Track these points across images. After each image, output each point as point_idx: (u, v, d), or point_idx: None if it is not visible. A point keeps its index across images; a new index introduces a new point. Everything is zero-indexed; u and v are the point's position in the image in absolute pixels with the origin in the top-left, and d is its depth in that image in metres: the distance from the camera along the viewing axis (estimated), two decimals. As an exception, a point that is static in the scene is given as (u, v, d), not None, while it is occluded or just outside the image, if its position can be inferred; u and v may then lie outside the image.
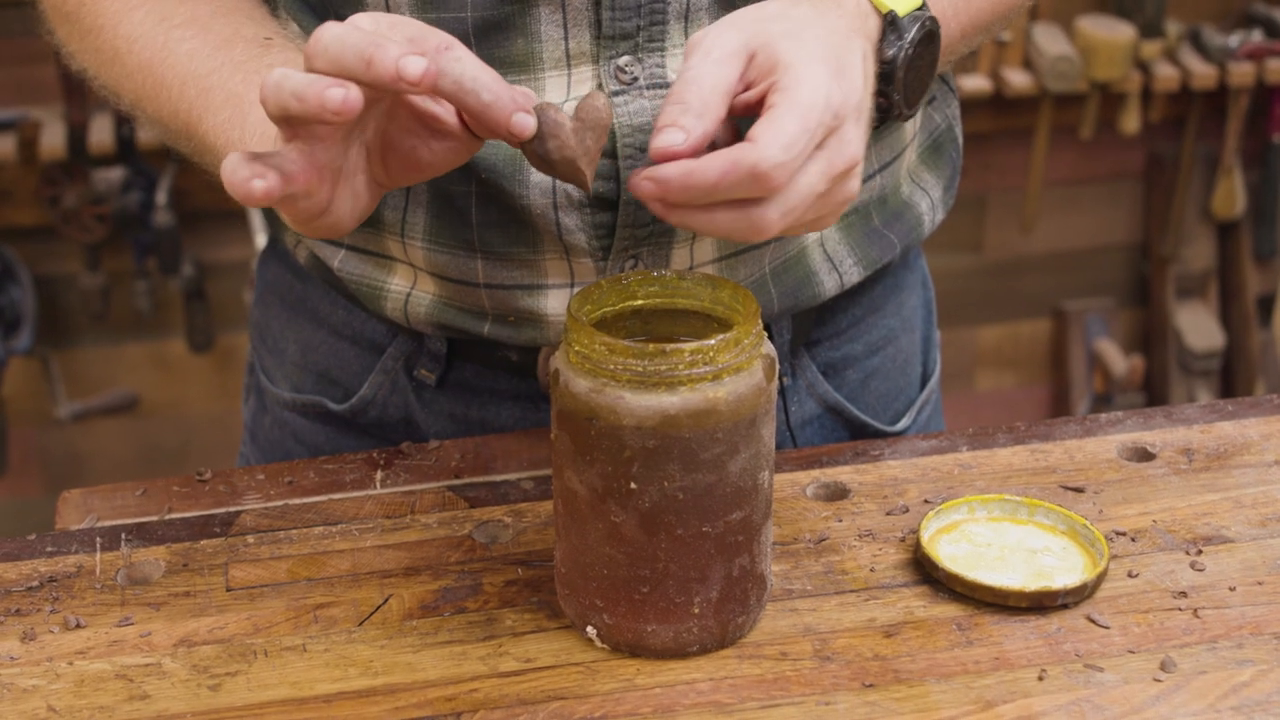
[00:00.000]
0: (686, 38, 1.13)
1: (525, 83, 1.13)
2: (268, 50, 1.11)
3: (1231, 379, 3.61)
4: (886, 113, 1.09)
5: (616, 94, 1.13)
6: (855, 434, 1.35)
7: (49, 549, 1.14)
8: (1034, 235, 3.50)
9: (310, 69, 0.91)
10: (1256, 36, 3.33)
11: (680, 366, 0.95)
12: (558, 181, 1.13)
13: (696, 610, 1.01)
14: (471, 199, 1.16)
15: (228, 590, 1.09)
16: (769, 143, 0.95)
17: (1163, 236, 3.53)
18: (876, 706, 0.98)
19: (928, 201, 1.32)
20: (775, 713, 0.97)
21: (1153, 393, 3.61)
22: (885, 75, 1.08)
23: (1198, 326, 3.55)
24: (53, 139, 3.03)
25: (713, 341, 0.96)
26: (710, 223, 0.98)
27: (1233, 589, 1.08)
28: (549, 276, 1.19)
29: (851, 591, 1.08)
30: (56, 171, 3.01)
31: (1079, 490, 1.18)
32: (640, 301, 1.04)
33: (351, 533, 1.15)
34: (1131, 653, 1.02)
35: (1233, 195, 3.48)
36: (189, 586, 1.10)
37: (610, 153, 1.13)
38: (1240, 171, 3.48)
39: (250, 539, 1.14)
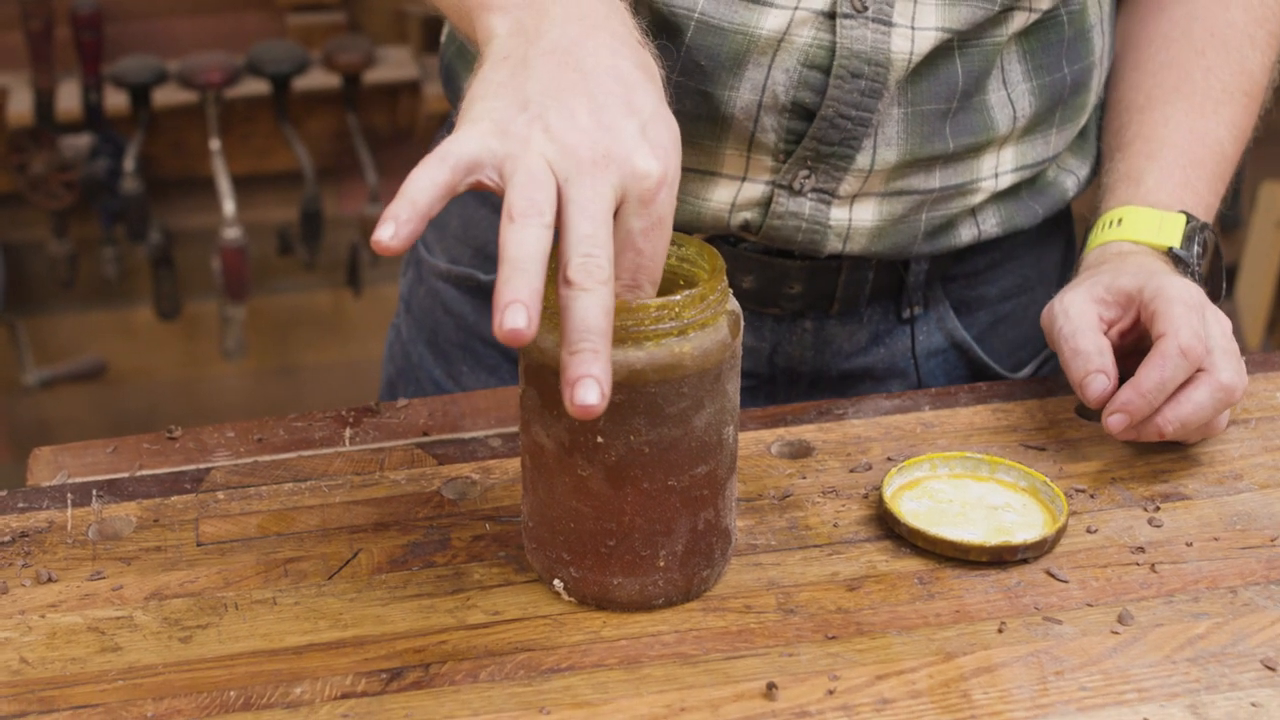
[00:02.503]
0: None
1: None
2: None
3: (1194, 349, 3.63)
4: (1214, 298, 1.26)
5: (846, 16, 1.19)
6: (976, 374, 1.39)
7: (20, 505, 1.14)
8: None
9: None
10: (1221, 8, 3.35)
11: (646, 322, 0.97)
12: (769, 81, 1.20)
13: (662, 564, 1.02)
14: (671, 85, 1.19)
15: (198, 545, 1.10)
16: (1177, 325, 1.15)
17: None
18: (839, 658, 0.99)
19: (1074, 180, 1.38)
20: (739, 664, 0.99)
21: (1116, 362, 3.63)
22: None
23: (1161, 296, 3.57)
24: (20, 105, 3.02)
25: (678, 297, 0.97)
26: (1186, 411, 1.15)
27: (1189, 544, 1.09)
28: (724, 167, 1.24)
29: (815, 546, 1.09)
30: (24, 138, 3.01)
31: (1040, 449, 1.20)
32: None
33: (321, 489, 1.16)
34: (1090, 606, 1.04)
35: (1196, 166, 3.49)
36: (160, 541, 1.11)
37: (825, 69, 1.20)
38: (1204, 142, 3.49)
39: (220, 495, 1.15)
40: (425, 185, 0.92)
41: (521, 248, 0.90)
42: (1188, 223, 1.26)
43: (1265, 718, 0.95)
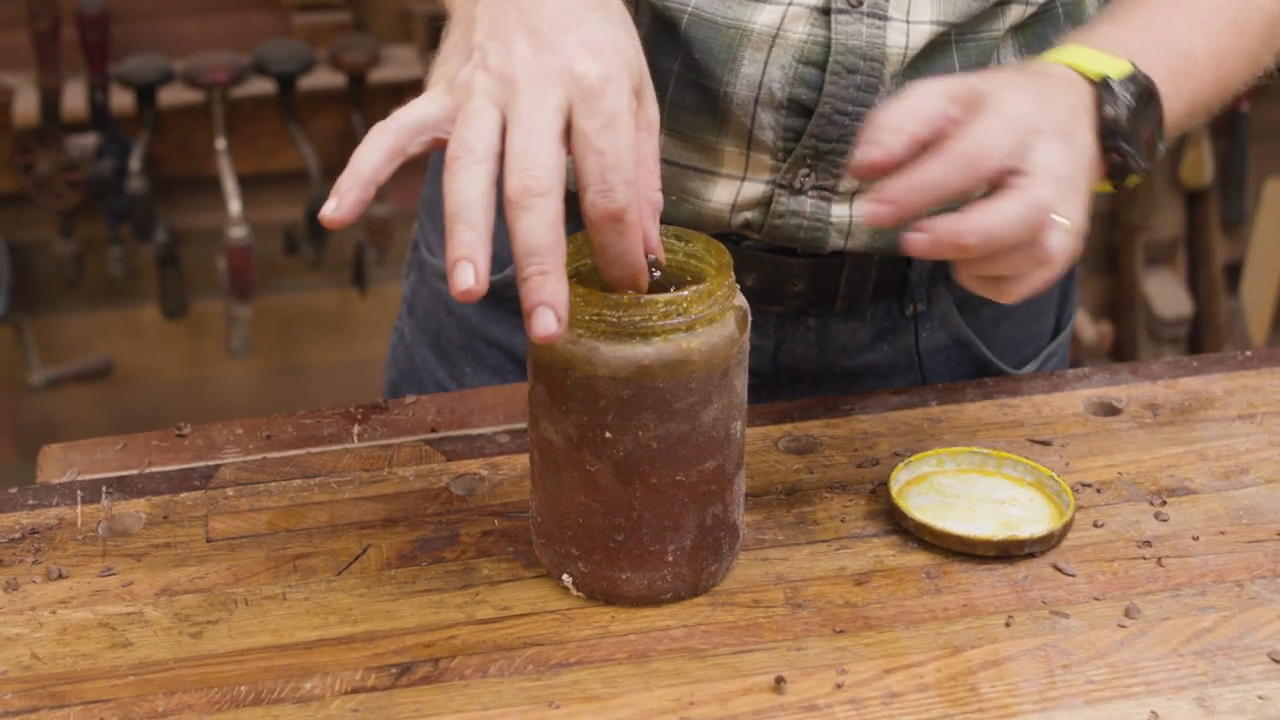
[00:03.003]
0: None
1: None
2: None
3: (1199, 346, 3.64)
4: (1124, 170, 1.10)
5: (840, 11, 1.19)
6: (980, 371, 1.38)
7: (30, 502, 1.15)
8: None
9: None
10: (1225, 5, 3.35)
11: (655, 317, 0.97)
12: (765, 78, 1.20)
13: (670, 558, 1.02)
14: (672, 78, 1.22)
15: (208, 541, 1.11)
16: (976, 132, 1.00)
17: (1131, 205, 3.55)
18: (847, 652, 0.99)
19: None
20: (748, 658, 0.99)
21: (1122, 359, 3.63)
22: (1111, 131, 1.09)
23: (1166, 294, 3.58)
24: (26, 105, 3.02)
25: (686, 293, 0.98)
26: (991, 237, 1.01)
27: (1196, 538, 1.10)
28: (724, 165, 1.24)
29: (822, 541, 1.10)
30: (30, 138, 3.01)
31: (1046, 444, 1.20)
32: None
33: (330, 485, 1.16)
34: (1097, 600, 1.04)
35: (1201, 164, 3.50)
36: (169, 538, 1.11)
37: (820, 64, 1.19)
38: (1209, 140, 3.50)
39: (230, 491, 1.16)
40: (368, 152, 0.94)
41: (456, 196, 0.92)
42: (1133, 71, 1.12)
43: (1272, 710, 0.95)
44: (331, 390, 3.38)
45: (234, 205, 3.07)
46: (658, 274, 1.01)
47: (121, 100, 3.06)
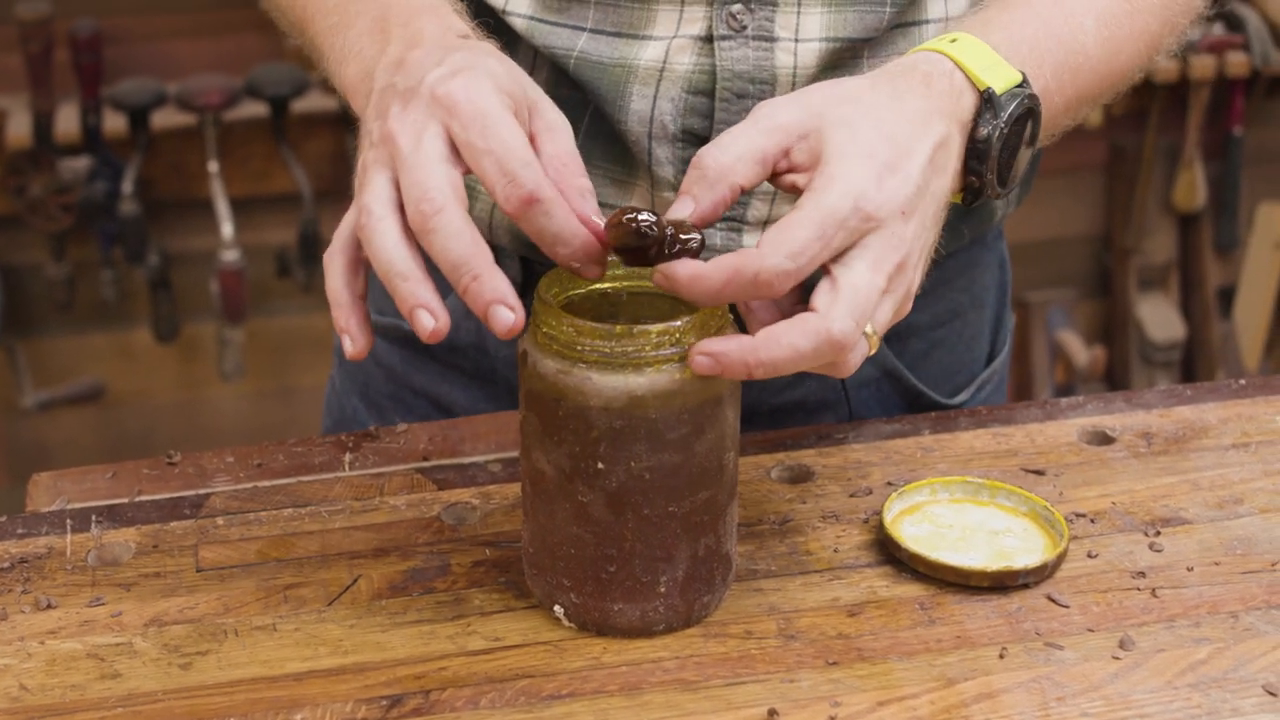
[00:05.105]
0: None
1: (638, 11, 1.18)
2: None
3: (1192, 370, 3.64)
4: (979, 192, 1.08)
5: (724, 38, 1.18)
6: (911, 402, 1.36)
7: (19, 530, 1.14)
8: (997, 227, 3.51)
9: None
10: (1217, 30, 3.36)
11: (647, 348, 0.97)
12: (656, 112, 1.19)
13: (663, 589, 1.02)
14: (583, 120, 1.22)
15: (198, 571, 1.10)
16: (774, 250, 0.96)
17: (1124, 228, 3.56)
18: (840, 684, 0.99)
19: (1001, 200, 1.33)
20: (740, 690, 0.99)
21: (1114, 383, 3.63)
22: (978, 154, 1.06)
23: (1159, 318, 3.58)
24: (19, 128, 3.03)
25: (679, 323, 0.97)
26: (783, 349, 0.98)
27: (1190, 569, 1.09)
28: (635, 201, 1.22)
29: (815, 572, 1.09)
30: (22, 160, 3.01)
31: (1039, 473, 1.20)
32: (607, 285, 1.05)
33: (320, 514, 1.16)
34: (1091, 631, 1.03)
35: (1194, 188, 3.51)
36: (159, 567, 1.10)
37: (709, 92, 1.18)
38: (1201, 164, 3.50)
39: (220, 520, 1.15)
40: (332, 281, 1.02)
41: (378, 256, 0.97)
42: (1021, 83, 1.08)
43: (1267, 744, 0.95)
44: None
45: (226, 228, 3.07)
46: (695, 241, 0.98)
47: (114, 123, 3.06)
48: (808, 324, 0.97)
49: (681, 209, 0.99)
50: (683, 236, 0.97)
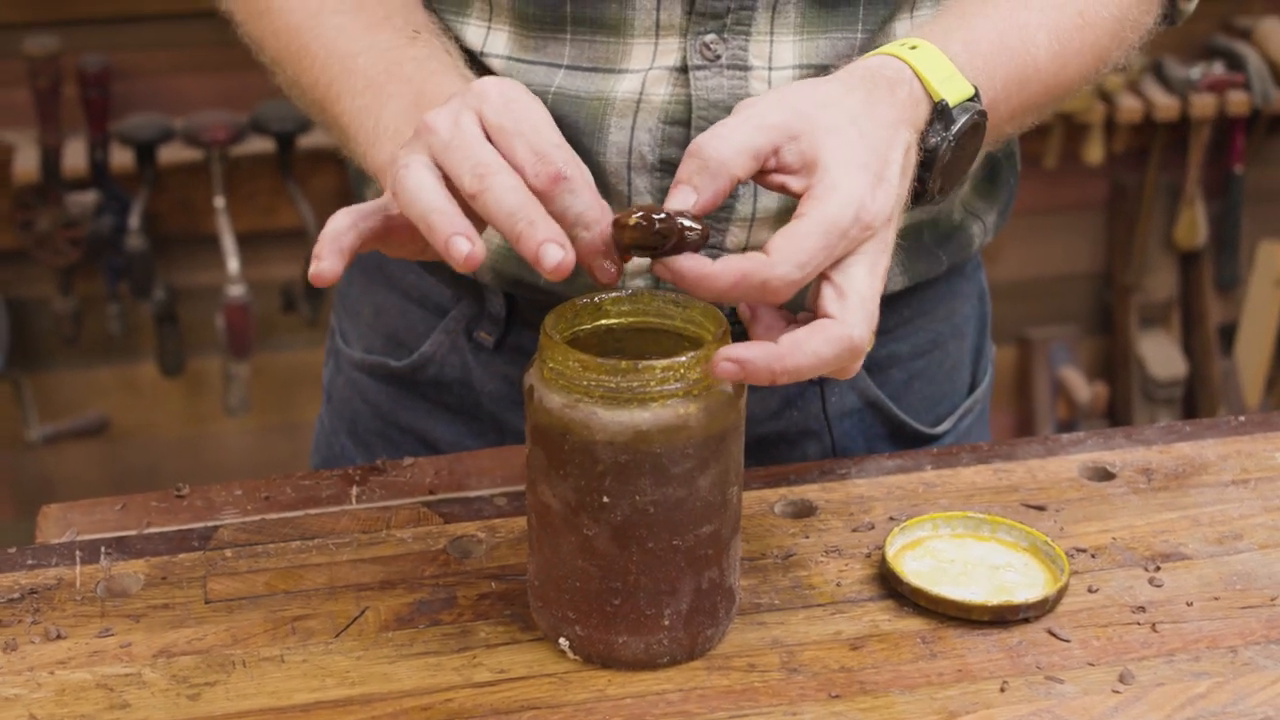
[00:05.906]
0: (772, 26, 1.19)
1: (614, 46, 1.19)
2: (414, 42, 1.18)
3: (1194, 407, 3.65)
4: (919, 197, 1.10)
5: (699, 68, 1.19)
6: (893, 432, 1.37)
7: (29, 562, 1.15)
8: (999, 264, 3.53)
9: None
10: (1218, 69, 3.38)
11: (652, 383, 0.98)
12: (634, 143, 1.20)
13: (667, 622, 1.03)
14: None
15: (206, 603, 1.11)
16: (784, 259, 0.98)
17: (1126, 266, 3.57)
18: (842, 717, 1.00)
19: (980, 226, 1.35)
20: (743, 722, 1.00)
21: (1116, 420, 3.64)
22: (926, 162, 1.09)
23: (1160, 355, 3.59)
24: (27, 162, 3.04)
25: (684, 359, 0.98)
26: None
27: (1190, 604, 1.10)
28: None
29: (818, 605, 1.10)
30: (30, 195, 3.02)
31: (1040, 508, 1.21)
32: (613, 320, 1.06)
33: (328, 547, 1.16)
34: (1091, 665, 1.04)
35: (1195, 225, 3.52)
36: (168, 599, 1.11)
37: (685, 122, 1.19)
38: (1202, 202, 3.52)
39: (228, 553, 1.16)
40: (330, 221, 1.05)
41: (414, 193, 0.99)
42: (973, 97, 1.11)
43: (1266, 777, 0.95)
44: (327, 448, 3.38)
45: (232, 263, 3.08)
46: (697, 233, 1.00)
47: (121, 158, 3.07)
48: (829, 331, 0.99)
49: (683, 199, 1.01)
50: (688, 229, 0.99)
